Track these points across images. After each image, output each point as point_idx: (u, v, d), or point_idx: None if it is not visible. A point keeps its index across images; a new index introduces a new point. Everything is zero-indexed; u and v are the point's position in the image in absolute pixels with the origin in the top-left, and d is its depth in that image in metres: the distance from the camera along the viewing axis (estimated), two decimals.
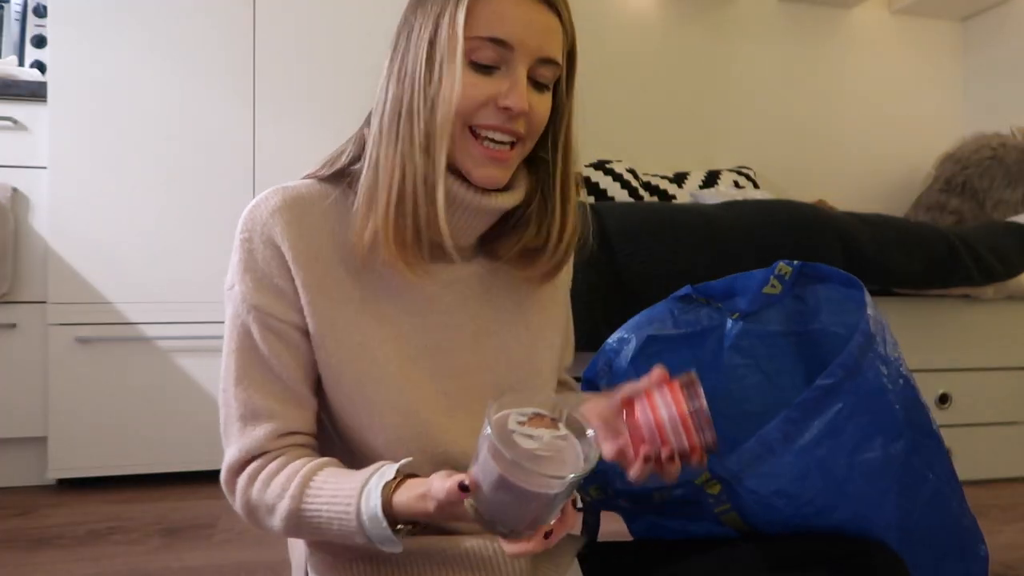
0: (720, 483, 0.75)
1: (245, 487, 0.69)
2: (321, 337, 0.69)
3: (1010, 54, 2.93)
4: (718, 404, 0.86)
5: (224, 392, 0.71)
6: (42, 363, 1.75)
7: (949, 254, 1.80)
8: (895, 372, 0.77)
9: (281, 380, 0.70)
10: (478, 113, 0.66)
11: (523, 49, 0.65)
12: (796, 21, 2.98)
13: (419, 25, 0.67)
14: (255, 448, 0.69)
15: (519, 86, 0.65)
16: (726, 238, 1.60)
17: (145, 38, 1.79)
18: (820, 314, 0.93)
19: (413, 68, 0.66)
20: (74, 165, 1.75)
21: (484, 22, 0.64)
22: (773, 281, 0.91)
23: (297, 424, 0.71)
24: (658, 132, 2.82)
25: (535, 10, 0.66)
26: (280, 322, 0.69)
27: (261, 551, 1.38)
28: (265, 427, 0.69)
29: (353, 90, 1.90)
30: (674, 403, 0.63)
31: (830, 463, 0.73)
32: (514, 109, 0.65)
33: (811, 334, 0.94)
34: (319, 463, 0.68)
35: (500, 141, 0.67)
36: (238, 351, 0.70)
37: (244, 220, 0.71)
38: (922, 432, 0.79)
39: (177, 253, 1.81)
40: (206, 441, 1.81)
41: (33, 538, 1.44)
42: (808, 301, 0.93)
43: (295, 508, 0.65)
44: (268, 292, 0.69)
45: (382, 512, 0.61)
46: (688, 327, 0.99)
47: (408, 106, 0.66)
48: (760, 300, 0.91)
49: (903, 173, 3.09)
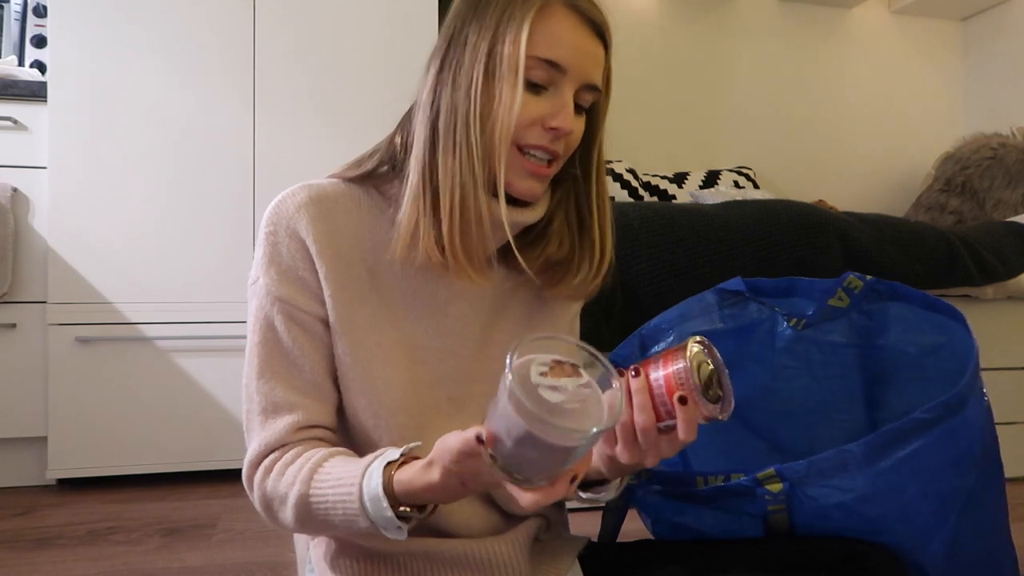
0: (782, 482, 0.74)
1: (261, 479, 0.69)
2: (339, 333, 0.71)
3: (1010, 54, 2.93)
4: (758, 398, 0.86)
5: (247, 387, 0.71)
6: (42, 363, 1.75)
7: (949, 254, 1.79)
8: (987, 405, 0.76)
9: (303, 373, 0.70)
10: (527, 131, 0.68)
11: (574, 74, 0.68)
12: (796, 21, 2.98)
13: (477, 36, 0.68)
14: (275, 441, 0.69)
15: (568, 109, 0.68)
16: (726, 238, 1.60)
17: (145, 38, 1.79)
18: (888, 331, 0.91)
19: (472, 80, 0.68)
20: (74, 165, 1.75)
21: (541, 43, 0.67)
22: (840, 293, 0.89)
23: (318, 418, 0.71)
24: (658, 132, 2.82)
25: (587, 38, 0.69)
26: (304, 313, 0.70)
27: (261, 551, 1.39)
28: (286, 419, 0.69)
29: (353, 91, 1.90)
30: (662, 366, 0.61)
31: (902, 489, 0.72)
32: (562, 131, 0.68)
33: (875, 348, 0.92)
34: (331, 451, 0.68)
35: (540, 157, 0.70)
36: (260, 344, 0.70)
37: (270, 214, 0.72)
38: (989, 460, 0.78)
39: (177, 253, 1.81)
40: (206, 441, 1.81)
41: (33, 538, 1.44)
42: (875, 317, 0.91)
43: (304, 493, 0.65)
44: (293, 284, 0.70)
45: (383, 491, 0.60)
46: (734, 321, 0.98)
47: (465, 117, 0.67)
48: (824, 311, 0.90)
49: (903, 173, 3.09)
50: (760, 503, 0.76)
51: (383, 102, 1.89)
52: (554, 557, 0.79)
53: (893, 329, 0.90)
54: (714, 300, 0.99)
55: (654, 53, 2.82)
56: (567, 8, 0.68)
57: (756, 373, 0.99)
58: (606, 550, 0.86)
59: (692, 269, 1.55)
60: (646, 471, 0.85)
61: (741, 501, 0.78)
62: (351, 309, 0.71)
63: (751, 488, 0.76)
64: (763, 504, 0.76)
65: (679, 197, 2.56)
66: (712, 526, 0.84)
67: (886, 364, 0.92)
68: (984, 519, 0.78)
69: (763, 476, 0.75)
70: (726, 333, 0.99)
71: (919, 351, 0.88)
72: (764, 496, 0.76)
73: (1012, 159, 2.53)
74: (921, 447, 0.71)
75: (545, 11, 0.67)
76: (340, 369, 0.72)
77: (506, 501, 0.77)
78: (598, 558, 0.84)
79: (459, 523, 0.75)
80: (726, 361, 0.63)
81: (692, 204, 1.88)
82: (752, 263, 1.61)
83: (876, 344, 0.92)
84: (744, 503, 0.77)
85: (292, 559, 1.35)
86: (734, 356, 1.01)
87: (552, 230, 0.76)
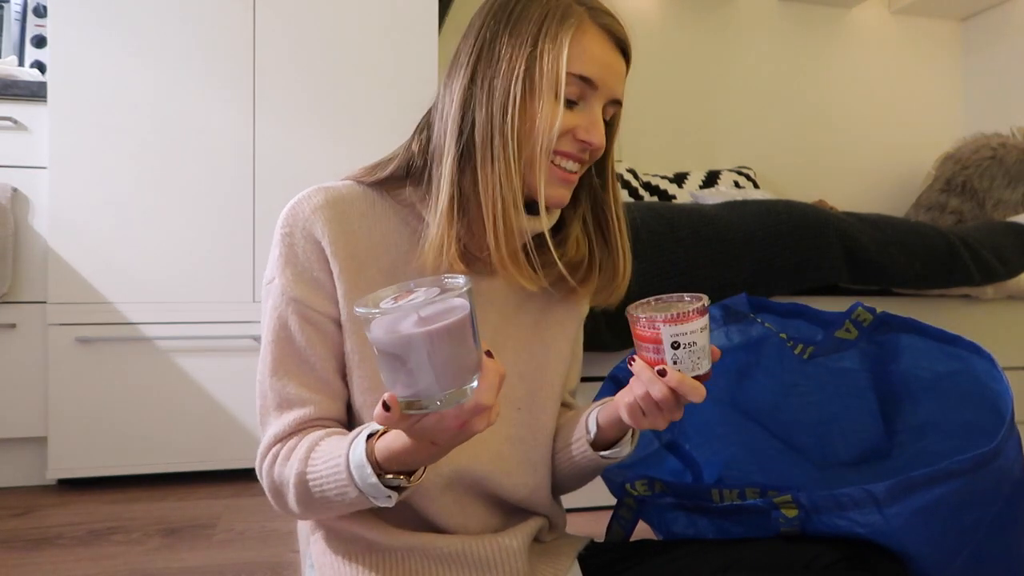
0: (798, 509, 0.74)
1: (269, 467, 0.71)
2: (348, 331, 0.72)
3: (1010, 54, 2.93)
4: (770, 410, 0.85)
5: (260, 383, 0.73)
6: (42, 363, 1.75)
7: (949, 254, 1.80)
8: (1018, 441, 0.75)
9: (316, 371, 0.72)
10: (559, 141, 0.71)
11: (604, 89, 0.72)
12: (796, 21, 2.98)
13: (513, 51, 0.70)
14: (282, 433, 0.71)
15: (599, 124, 0.73)
16: (726, 238, 1.60)
17: (145, 38, 1.79)
18: (901, 359, 0.89)
19: (508, 93, 0.70)
20: (74, 165, 1.75)
21: (576, 60, 0.70)
22: (848, 325, 0.87)
23: (328, 412, 0.73)
24: (658, 132, 2.82)
25: (614, 55, 0.73)
26: (318, 313, 0.72)
27: (261, 551, 1.39)
28: (297, 413, 0.71)
29: (352, 91, 1.90)
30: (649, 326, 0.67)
31: (924, 526, 0.71)
32: (594, 145, 0.72)
33: (887, 372, 0.91)
34: (329, 431, 0.70)
35: (570, 168, 0.73)
36: (275, 342, 0.72)
37: (285, 216, 0.73)
38: (1015, 487, 0.77)
39: (177, 253, 1.81)
40: (206, 441, 1.81)
41: (33, 538, 1.44)
42: (886, 346, 0.90)
43: (301, 472, 0.67)
44: (308, 284, 0.72)
45: (366, 458, 0.62)
46: (742, 336, 0.97)
47: (502, 130, 0.70)
48: (832, 343, 0.88)
49: (903, 173, 3.09)
50: (774, 524, 0.77)
51: (383, 101, 1.89)
52: (553, 557, 0.80)
53: (905, 357, 0.89)
54: (719, 315, 0.98)
55: (654, 53, 2.82)
56: (598, 27, 0.72)
57: (767, 386, 0.99)
58: (606, 550, 0.86)
59: (692, 269, 1.55)
60: (659, 483, 0.87)
61: (755, 517, 0.78)
62: None
63: (766, 509, 0.76)
64: (777, 525, 0.77)
65: (679, 197, 2.56)
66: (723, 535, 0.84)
67: (900, 386, 0.90)
68: (1010, 536, 0.76)
69: (780, 501, 0.75)
70: (734, 348, 0.98)
71: (934, 375, 0.86)
72: (779, 520, 0.76)
73: (1012, 159, 2.53)
74: (949, 492, 0.70)
75: (581, 29, 0.71)
76: (348, 366, 0.73)
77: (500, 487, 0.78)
78: (598, 558, 0.84)
79: (458, 521, 0.75)
80: (737, 371, 0.64)
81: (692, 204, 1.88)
82: (752, 263, 1.61)
83: (888, 369, 0.90)
84: (758, 519, 0.78)
85: (292, 559, 1.35)
86: (744, 367, 1.00)
87: (569, 235, 0.79)
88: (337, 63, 1.90)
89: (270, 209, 1.86)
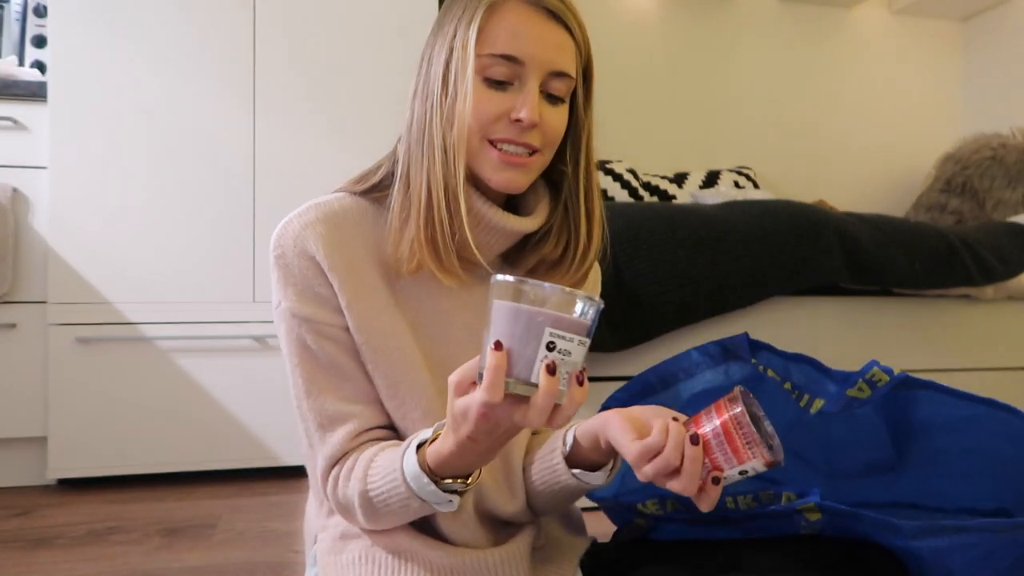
0: (822, 514, 0.73)
1: (332, 491, 0.72)
2: (359, 341, 0.72)
3: (1010, 54, 2.93)
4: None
5: (298, 408, 0.73)
6: (42, 363, 1.75)
7: (949, 254, 1.80)
8: None
9: (348, 381, 0.72)
10: (494, 126, 0.70)
11: (534, 64, 0.69)
12: (796, 21, 2.98)
13: (437, 47, 0.72)
14: (336, 453, 0.71)
15: (530, 99, 0.69)
16: (726, 238, 1.60)
17: (145, 38, 1.79)
18: (918, 408, 0.85)
19: (432, 87, 0.71)
20: (74, 165, 1.75)
21: (496, 40, 0.68)
22: (861, 384, 0.82)
23: (372, 420, 0.73)
24: (658, 132, 2.82)
25: (545, 26, 0.69)
26: (330, 327, 0.72)
27: (261, 551, 1.39)
28: (343, 430, 0.71)
29: (352, 90, 1.90)
30: (716, 415, 0.62)
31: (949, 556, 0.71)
32: (525, 121, 0.69)
33: (903, 415, 0.87)
34: (381, 446, 0.71)
35: (513, 151, 0.71)
36: (300, 365, 0.72)
37: (276, 238, 0.73)
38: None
39: (177, 253, 1.81)
40: (206, 441, 1.81)
41: (33, 538, 1.44)
42: (900, 399, 0.85)
43: (363, 491, 0.68)
44: (312, 301, 0.72)
45: (420, 468, 0.63)
46: (741, 373, 0.92)
47: (429, 123, 0.70)
48: (842, 402, 0.84)
49: (903, 173, 3.09)
50: (796, 527, 0.76)
51: (383, 101, 1.89)
52: (556, 564, 0.80)
53: (923, 406, 0.85)
54: (717, 353, 0.94)
55: (654, 53, 2.82)
56: (520, 2, 0.69)
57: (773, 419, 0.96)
58: (606, 550, 0.86)
59: (692, 269, 1.55)
60: (672, 501, 0.83)
61: (775, 522, 0.77)
62: (368, 317, 0.72)
63: (789, 514, 0.75)
64: (799, 528, 0.76)
65: (679, 197, 2.56)
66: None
67: (916, 424, 0.87)
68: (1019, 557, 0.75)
69: (803, 508, 0.73)
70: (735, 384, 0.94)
71: (953, 420, 0.83)
72: (801, 523, 0.75)
73: (1012, 159, 2.53)
74: (982, 539, 0.69)
75: (495, 8, 0.69)
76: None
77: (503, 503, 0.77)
78: (598, 558, 0.84)
79: (457, 536, 0.75)
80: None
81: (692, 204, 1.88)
82: (752, 263, 1.61)
83: (903, 414, 0.86)
84: (779, 523, 0.77)
85: (292, 559, 1.35)
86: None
87: (550, 229, 0.77)
88: (337, 63, 1.90)
89: (270, 209, 1.86)
